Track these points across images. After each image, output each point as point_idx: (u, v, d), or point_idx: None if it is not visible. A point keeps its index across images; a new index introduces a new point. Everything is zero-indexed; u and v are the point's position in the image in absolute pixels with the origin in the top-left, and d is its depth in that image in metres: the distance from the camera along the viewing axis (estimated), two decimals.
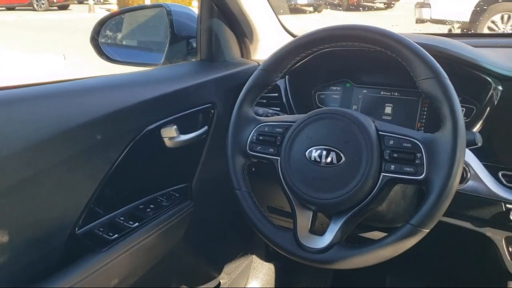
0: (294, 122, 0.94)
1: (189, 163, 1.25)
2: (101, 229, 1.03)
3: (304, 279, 1.79)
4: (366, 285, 1.70)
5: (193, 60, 1.42)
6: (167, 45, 1.42)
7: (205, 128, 1.24)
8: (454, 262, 1.50)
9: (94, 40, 1.47)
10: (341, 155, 0.86)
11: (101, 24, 1.47)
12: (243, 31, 1.40)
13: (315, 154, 0.88)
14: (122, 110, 1.00)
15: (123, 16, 1.57)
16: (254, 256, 1.71)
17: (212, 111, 1.25)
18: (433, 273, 1.64)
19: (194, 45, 1.43)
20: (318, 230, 0.91)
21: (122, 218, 1.07)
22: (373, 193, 0.84)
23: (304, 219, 0.91)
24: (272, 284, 1.72)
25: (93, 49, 1.47)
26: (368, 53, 1.00)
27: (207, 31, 1.35)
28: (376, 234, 1.11)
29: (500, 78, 1.02)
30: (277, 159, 0.94)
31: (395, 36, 0.85)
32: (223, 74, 1.30)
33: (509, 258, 1.00)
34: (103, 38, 1.49)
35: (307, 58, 1.22)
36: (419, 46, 0.84)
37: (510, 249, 1.00)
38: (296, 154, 0.91)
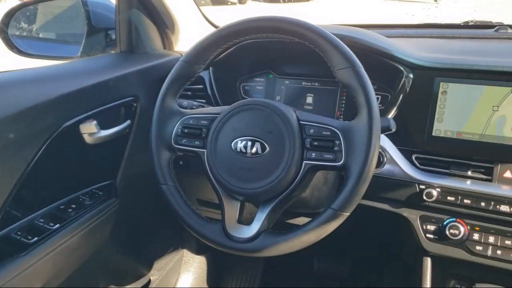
0: (219, 114, 0.94)
1: (112, 159, 1.21)
2: (19, 233, 0.97)
3: (236, 269, 1.81)
4: (296, 270, 1.75)
5: (113, 52, 1.37)
6: (84, 37, 1.36)
7: (128, 122, 1.20)
8: (375, 242, 1.59)
9: (3, 32, 1.36)
10: (266, 145, 0.87)
11: (10, 15, 1.37)
12: (164, 22, 1.37)
13: (240, 145, 0.89)
14: (36, 106, 0.95)
15: (36, 6, 1.48)
16: (185, 250, 1.70)
17: (135, 105, 1.22)
18: (357, 254, 1.73)
19: (113, 36, 1.38)
20: (246, 219, 0.92)
21: (42, 220, 1.02)
22: (296, 180, 0.87)
23: (232, 209, 0.92)
24: (205, 276, 1.72)
25: (2, 42, 1.37)
26: (289, 44, 1.02)
27: (126, 22, 1.31)
28: (302, 220, 1.15)
29: (411, 66, 1.08)
30: (203, 151, 0.94)
31: (312, 27, 0.87)
32: (145, 66, 1.27)
33: (423, 236, 1.08)
34: (14, 30, 1.40)
35: (230, 49, 1.22)
36: (335, 37, 0.87)
37: (424, 227, 1.08)
38: (222, 146, 0.91)
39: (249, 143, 0.88)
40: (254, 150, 0.88)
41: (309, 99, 1.25)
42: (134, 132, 1.22)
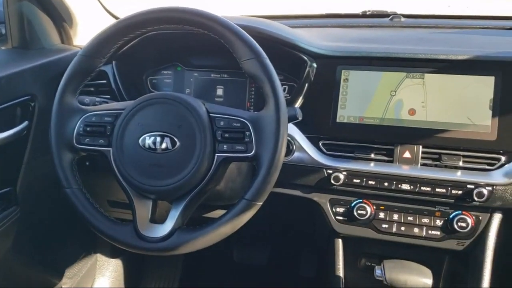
0: (123, 109, 0.90)
1: (10, 165, 1.11)
2: None
3: (155, 268, 1.77)
4: (216, 263, 1.75)
5: (3, 48, 1.26)
6: None
7: (26, 123, 1.11)
8: (291, 228, 1.64)
9: None
10: (176, 140, 0.85)
11: None
12: (60, 15, 1.28)
13: (149, 141, 0.86)
14: None
15: None
16: (98, 255, 1.62)
17: (32, 104, 1.13)
18: (274, 241, 1.77)
19: (3, 31, 1.27)
20: (160, 218, 0.90)
21: None
22: (209, 174, 0.86)
23: (143, 209, 0.89)
24: (122, 279, 1.66)
25: None
26: (196, 35, 1.01)
27: (16, 15, 1.21)
28: (219, 213, 1.15)
29: (314, 55, 1.12)
30: (109, 150, 0.89)
31: (216, 18, 0.86)
32: (41, 62, 1.18)
33: (333, 218, 1.12)
34: None
35: (134, 41, 1.18)
36: (240, 28, 0.87)
37: (334, 209, 1.12)
38: (129, 143, 0.87)
39: (158, 139, 0.85)
40: (163, 145, 0.85)
41: (219, 91, 1.25)
42: (33, 133, 1.13)
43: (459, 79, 1.04)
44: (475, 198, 1.00)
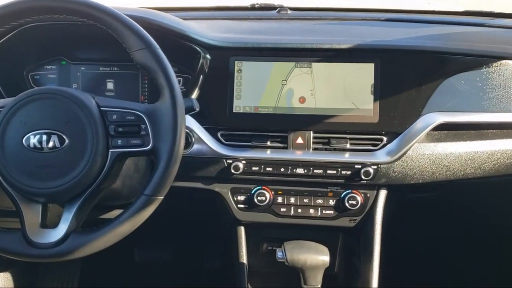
0: (2, 107, 0.82)
1: None
2: None
3: (51, 272, 1.66)
4: (116, 263, 1.68)
5: None
6: None
7: None
8: (193, 221, 1.63)
9: None
10: (64, 137, 0.80)
11: None
12: None
13: (34, 140, 0.80)
14: None
15: None
16: None
17: None
18: (177, 237, 1.75)
19: None
20: (52, 222, 0.84)
21: None
22: (104, 171, 0.82)
23: (32, 214, 0.83)
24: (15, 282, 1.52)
25: None
26: (80, 27, 0.95)
27: None
28: (117, 213, 1.10)
29: (207, 47, 1.12)
30: None
31: (102, 7, 0.83)
32: None
33: (235, 206, 1.14)
34: None
35: (10, 34, 1.08)
36: (129, 18, 0.84)
37: (235, 198, 1.14)
38: (11, 144, 0.80)
39: (44, 137, 0.80)
40: (51, 144, 0.80)
41: (110, 85, 1.20)
42: None
43: (343, 67, 1.11)
44: (363, 177, 1.08)
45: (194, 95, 1.12)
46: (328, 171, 1.10)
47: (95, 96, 0.85)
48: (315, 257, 1.10)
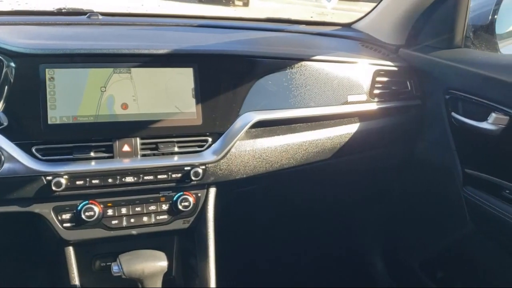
0: None
1: None
2: None
3: None
4: None
5: None
6: None
7: None
8: (13, 249, 1.44)
9: None
10: None
11: None
12: None
13: None
14: None
15: None
16: None
17: None
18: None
19: None
20: None
21: None
22: None
23: None
24: None
25: None
26: None
27: None
28: None
29: (11, 54, 1.01)
30: None
31: None
32: None
33: (60, 226, 1.05)
34: None
35: None
36: None
37: (59, 217, 1.05)
38: None
39: None
40: None
41: None
42: None
43: (163, 71, 1.12)
44: (193, 178, 1.11)
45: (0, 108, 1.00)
46: (159, 176, 1.09)
47: None
48: (153, 264, 1.09)
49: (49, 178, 1.01)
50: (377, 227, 1.81)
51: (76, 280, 1.11)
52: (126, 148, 1.08)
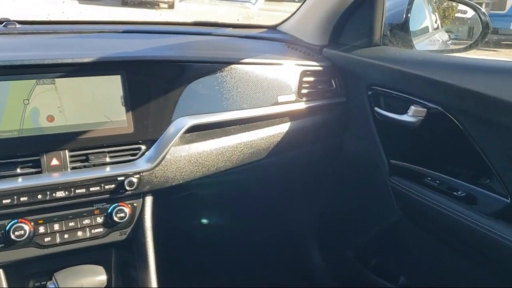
0: None
1: None
2: None
3: None
4: None
5: None
6: None
7: None
8: None
9: None
10: None
11: None
12: None
13: None
14: None
15: None
16: None
17: None
18: None
19: None
20: None
21: None
22: None
23: None
24: None
25: None
26: None
27: None
28: None
29: None
30: None
31: None
32: None
33: None
34: None
35: None
36: None
37: None
38: None
39: None
40: None
41: None
42: None
43: (89, 80, 1.09)
44: (127, 188, 1.09)
45: None
46: (91, 189, 1.06)
47: None
48: (91, 279, 1.06)
49: None
50: (313, 219, 1.87)
51: None
52: (54, 162, 1.04)
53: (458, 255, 1.33)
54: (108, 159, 1.09)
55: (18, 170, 1.01)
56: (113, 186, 1.08)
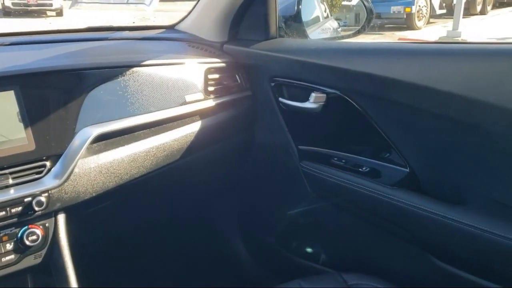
0: None
1: None
2: None
3: None
4: None
5: None
6: None
7: None
8: None
9: None
10: None
11: None
12: None
13: None
14: None
15: None
16: None
17: None
18: None
19: None
20: None
21: None
22: None
23: None
24: None
25: None
26: None
27: None
28: None
29: None
30: None
31: None
32: None
33: None
34: None
35: None
36: None
37: None
38: None
39: None
40: None
41: None
42: None
43: None
44: (36, 208, 1.03)
45: None
46: None
47: None
48: None
49: None
50: (235, 212, 1.90)
51: None
52: None
53: (371, 227, 1.43)
54: (11, 181, 1.02)
55: None
56: (20, 208, 1.02)
